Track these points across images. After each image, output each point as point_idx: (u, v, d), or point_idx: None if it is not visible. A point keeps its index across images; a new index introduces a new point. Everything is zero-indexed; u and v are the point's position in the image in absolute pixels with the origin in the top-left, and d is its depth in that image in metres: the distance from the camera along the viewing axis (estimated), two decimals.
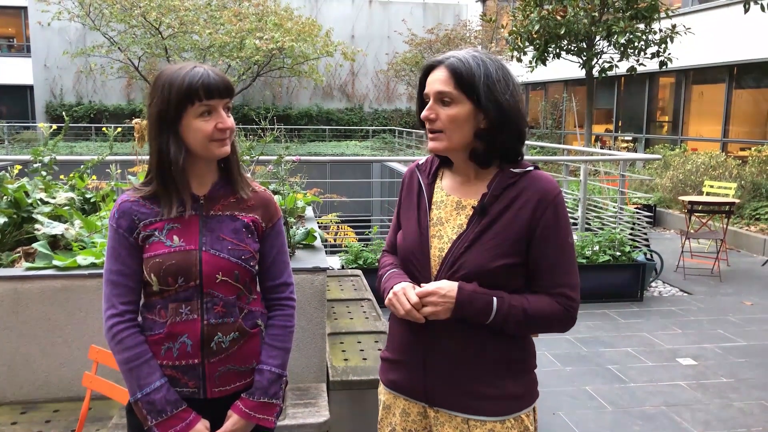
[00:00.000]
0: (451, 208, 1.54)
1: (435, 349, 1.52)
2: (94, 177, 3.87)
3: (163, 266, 1.49)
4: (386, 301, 1.52)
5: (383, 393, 1.68)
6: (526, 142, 1.66)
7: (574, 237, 1.51)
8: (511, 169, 1.49)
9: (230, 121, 1.53)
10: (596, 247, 6.19)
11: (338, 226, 6.99)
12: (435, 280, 1.50)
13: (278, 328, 1.65)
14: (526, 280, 1.50)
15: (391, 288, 1.51)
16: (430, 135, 1.49)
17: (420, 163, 1.67)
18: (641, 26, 10.11)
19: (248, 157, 3.21)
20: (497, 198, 1.48)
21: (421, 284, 1.49)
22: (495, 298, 1.44)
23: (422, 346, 1.53)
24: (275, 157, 3.46)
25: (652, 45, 10.26)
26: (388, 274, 1.60)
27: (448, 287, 1.43)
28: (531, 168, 1.51)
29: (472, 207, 1.50)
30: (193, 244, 1.52)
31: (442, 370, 1.51)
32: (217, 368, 1.55)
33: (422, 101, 1.53)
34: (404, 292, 1.47)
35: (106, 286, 1.54)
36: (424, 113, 1.49)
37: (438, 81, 1.46)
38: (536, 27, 10.22)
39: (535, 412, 1.59)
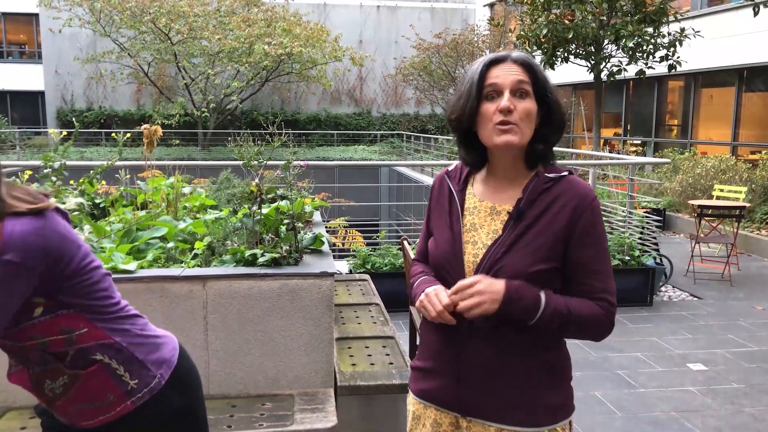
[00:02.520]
0: (485, 214, 1.52)
1: (471, 356, 1.48)
2: (103, 182, 3.90)
3: None
4: (417, 304, 1.50)
5: (413, 403, 1.63)
6: None
7: None
8: (546, 174, 1.48)
9: None
10: None
11: (346, 231, 7.00)
12: None
13: None
14: (561, 286, 1.48)
15: (423, 291, 1.49)
16: (503, 128, 1.41)
17: (449, 170, 1.64)
18: (650, 30, 10.08)
19: (256, 162, 3.22)
20: (533, 203, 1.45)
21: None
22: (542, 293, 1.40)
23: (457, 353, 1.50)
24: (283, 162, 3.47)
25: (660, 48, 10.23)
26: (419, 281, 1.58)
27: (491, 280, 1.39)
28: (566, 173, 1.49)
29: (508, 212, 1.48)
30: None
31: (478, 379, 1.48)
32: (67, 409, 1.46)
33: (477, 98, 1.45)
34: (436, 294, 1.44)
35: None
36: (504, 104, 1.40)
37: (514, 73, 1.43)
38: (544, 31, 10.22)
39: (571, 426, 1.54)
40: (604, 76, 10.89)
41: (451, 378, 1.51)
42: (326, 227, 4.87)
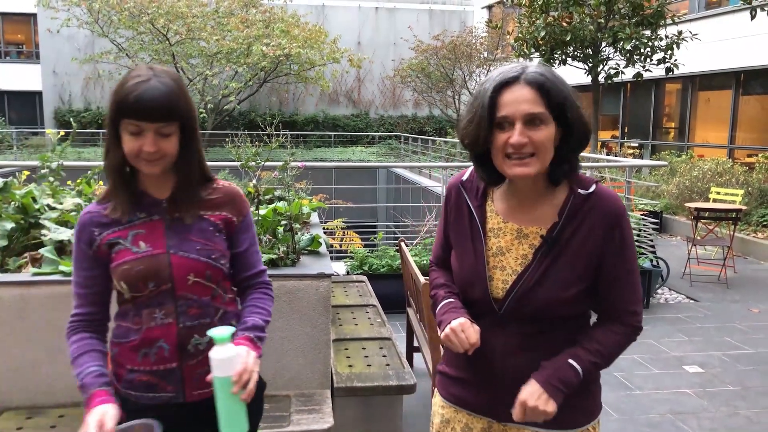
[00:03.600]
0: (511, 237, 1.45)
1: (507, 367, 1.46)
2: (101, 182, 3.89)
3: (131, 272, 1.49)
4: (442, 336, 1.45)
5: (442, 406, 1.62)
6: None
7: None
8: (579, 191, 1.41)
9: (163, 145, 1.45)
10: None
11: (344, 232, 7.00)
12: (500, 312, 1.44)
13: (260, 293, 1.68)
14: (591, 299, 1.46)
15: (449, 323, 1.44)
16: (516, 161, 1.34)
17: (464, 179, 1.55)
18: (647, 32, 10.11)
19: (254, 164, 3.23)
20: (565, 226, 1.40)
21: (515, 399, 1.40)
22: (575, 363, 1.40)
23: (493, 365, 1.47)
24: (281, 163, 3.47)
25: (658, 51, 10.26)
26: (444, 304, 1.52)
27: (538, 390, 1.38)
28: (594, 186, 1.43)
29: (541, 236, 1.41)
30: (161, 248, 1.52)
31: (514, 389, 1.43)
32: (195, 371, 1.54)
33: (489, 121, 1.35)
34: (462, 329, 1.41)
35: (72, 298, 1.58)
36: (517, 139, 1.31)
37: (526, 101, 1.32)
38: (542, 33, 10.24)
39: (599, 424, 1.56)
40: (601, 78, 10.91)
41: (485, 387, 1.50)
42: (324, 228, 4.87)
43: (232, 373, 1.40)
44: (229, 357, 1.40)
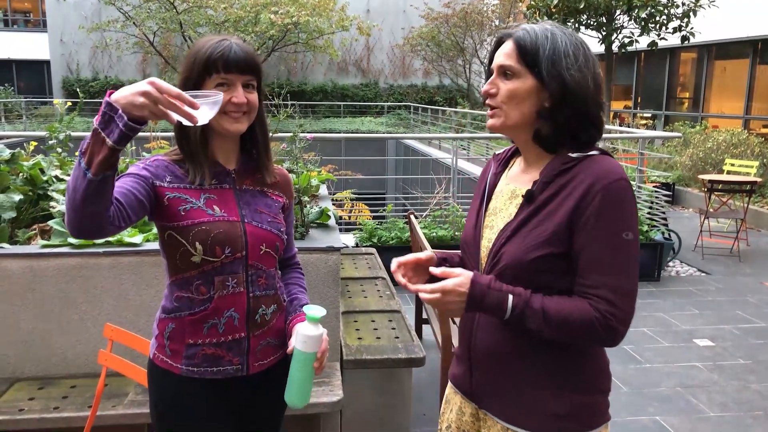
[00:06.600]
0: (506, 197, 1.44)
1: (477, 346, 1.43)
2: None
3: (210, 234, 1.47)
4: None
5: (448, 386, 1.61)
6: None
7: None
8: (569, 154, 1.33)
9: (251, 97, 1.50)
10: None
11: (353, 204, 6.97)
12: (484, 272, 1.39)
13: (299, 273, 1.79)
14: (569, 277, 1.32)
15: None
16: (489, 112, 1.40)
17: (498, 152, 1.57)
18: (663, 0, 9.87)
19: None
20: (548, 185, 1.33)
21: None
22: (511, 296, 1.28)
23: (467, 342, 1.45)
24: (289, 135, 3.43)
25: (674, 19, 10.03)
26: None
27: (461, 279, 1.30)
28: (594, 153, 1.33)
29: (522, 195, 1.37)
30: (235, 216, 1.52)
31: (486, 372, 1.41)
32: (259, 342, 1.57)
33: (488, 73, 1.44)
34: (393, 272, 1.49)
35: None
36: (485, 87, 1.39)
37: (503, 54, 1.36)
38: (555, 1, 10.03)
39: None
40: (615, 47, 10.70)
41: (467, 367, 1.47)
42: (332, 200, 4.84)
43: (317, 350, 1.50)
44: (318, 335, 1.50)
